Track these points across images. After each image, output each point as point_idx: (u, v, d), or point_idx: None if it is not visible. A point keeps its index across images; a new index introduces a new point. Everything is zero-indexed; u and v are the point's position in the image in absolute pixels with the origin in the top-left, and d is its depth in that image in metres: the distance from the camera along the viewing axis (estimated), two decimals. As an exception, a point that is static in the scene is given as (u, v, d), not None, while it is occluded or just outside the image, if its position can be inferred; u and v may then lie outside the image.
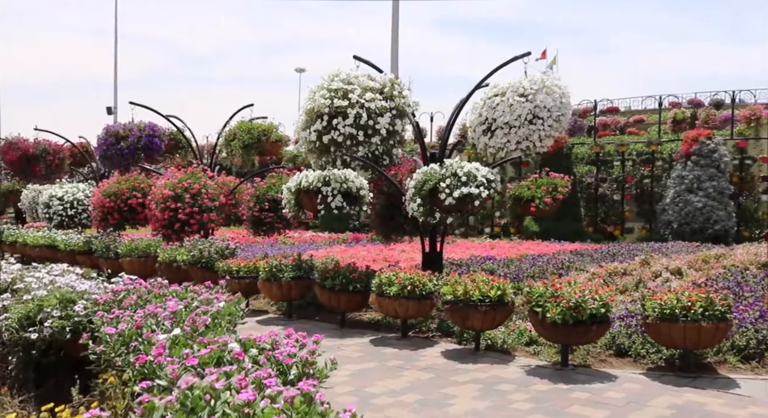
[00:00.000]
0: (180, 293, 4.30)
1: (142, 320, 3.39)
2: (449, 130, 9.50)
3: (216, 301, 4.00)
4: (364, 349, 6.72)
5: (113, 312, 3.69)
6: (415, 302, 6.92)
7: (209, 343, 2.87)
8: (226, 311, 3.79)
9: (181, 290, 4.39)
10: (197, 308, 3.74)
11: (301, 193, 9.09)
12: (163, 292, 4.31)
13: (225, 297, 4.39)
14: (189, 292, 4.37)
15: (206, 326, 3.40)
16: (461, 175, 7.80)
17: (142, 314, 3.46)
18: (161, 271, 10.22)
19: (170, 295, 4.22)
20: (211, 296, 4.13)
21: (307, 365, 2.89)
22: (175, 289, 4.40)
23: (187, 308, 3.67)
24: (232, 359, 2.74)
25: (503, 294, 6.43)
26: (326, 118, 7.87)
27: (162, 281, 4.98)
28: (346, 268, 7.80)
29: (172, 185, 11.33)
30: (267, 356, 2.85)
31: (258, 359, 2.78)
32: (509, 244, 16.63)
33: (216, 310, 3.71)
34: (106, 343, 3.21)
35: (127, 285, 4.64)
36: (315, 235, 22.07)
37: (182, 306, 3.68)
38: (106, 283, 5.55)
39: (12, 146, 15.74)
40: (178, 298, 4.16)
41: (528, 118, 8.04)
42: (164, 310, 3.56)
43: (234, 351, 2.75)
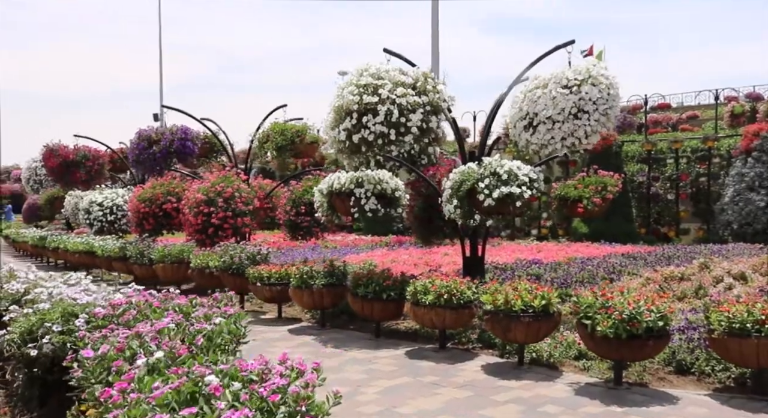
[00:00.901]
0: (184, 306, 3.90)
1: (126, 341, 2.99)
2: (489, 127, 8.94)
3: (217, 316, 3.58)
4: (399, 362, 6.24)
5: (103, 331, 3.32)
6: (453, 311, 6.41)
7: (183, 374, 2.43)
8: (222, 329, 3.35)
9: (186, 302, 3.99)
10: (190, 326, 3.32)
11: (333, 195, 8.67)
12: (165, 305, 3.92)
13: (235, 310, 3.98)
14: (194, 305, 3.97)
15: (199, 348, 2.98)
16: (501, 174, 7.26)
17: (128, 334, 3.07)
18: (194, 277, 9.97)
19: (172, 309, 3.83)
20: (211, 312, 3.71)
21: (301, 400, 2.41)
22: (179, 302, 4.00)
23: (179, 326, 3.26)
24: (208, 394, 2.29)
25: (548, 304, 5.86)
26: (355, 115, 7.44)
27: (172, 293, 4.60)
28: (380, 274, 7.34)
29: (205, 189, 11.10)
30: (252, 390, 2.39)
31: (240, 395, 2.33)
32: (557, 246, 15.90)
33: (211, 328, 3.28)
34: (84, 368, 2.83)
35: (130, 297, 4.27)
36: (358, 238, 21.70)
37: (174, 324, 3.28)
38: (116, 293, 5.21)
39: (53, 153, 15.82)
40: (180, 312, 3.76)
41: (572, 112, 7.43)
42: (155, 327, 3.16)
43: (211, 385, 2.31)
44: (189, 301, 4.05)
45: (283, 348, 6.82)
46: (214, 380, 2.36)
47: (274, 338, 7.43)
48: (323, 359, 6.32)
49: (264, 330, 7.92)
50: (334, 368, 6.00)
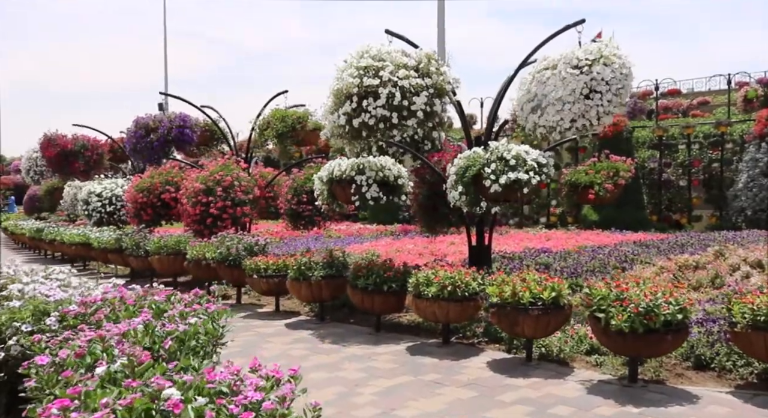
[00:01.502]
0: (161, 303, 3.57)
1: (88, 345, 2.67)
2: (495, 110, 8.55)
3: (193, 315, 3.24)
4: (399, 359, 5.91)
5: (66, 333, 3.00)
6: (457, 304, 6.07)
7: (140, 387, 2.09)
8: (196, 330, 3.01)
9: (163, 299, 3.66)
10: (162, 326, 2.99)
11: (333, 183, 8.32)
12: (141, 303, 3.59)
13: (218, 306, 3.65)
14: (173, 302, 3.64)
15: (169, 353, 2.65)
16: (509, 159, 6.88)
17: (91, 337, 2.74)
18: (190, 269, 9.67)
19: (148, 306, 3.50)
20: (189, 309, 3.37)
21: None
22: (156, 299, 3.67)
23: (147, 327, 2.93)
24: (167, 412, 1.96)
25: (558, 296, 5.51)
26: (355, 99, 7.07)
27: (154, 288, 4.27)
28: (381, 265, 7.00)
29: (203, 178, 10.77)
30: (219, 406, 2.05)
31: (204, 412, 2.00)
32: (566, 234, 15.51)
33: (183, 330, 2.95)
34: (38, 376, 2.50)
35: (105, 294, 3.94)
36: (363, 227, 21.37)
37: (141, 326, 2.95)
38: (97, 289, 4.89)
39: (51, 142, 15.54)
40: (157, 310, 3.44)
41: (584, 93, 7.04)
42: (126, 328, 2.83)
43: (170, 401, 1.97)
44: (167, 297, 3.71)
45: (279, 344, 6.52)
46: (175, 394, 2.02)
47: (270, 333, 7.11)
48: (320, 356, 6.00)
49: (260, 324, 7.61)
50: (332, 366, 5.67)
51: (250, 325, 7.55)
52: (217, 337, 3.19)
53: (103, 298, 3.72)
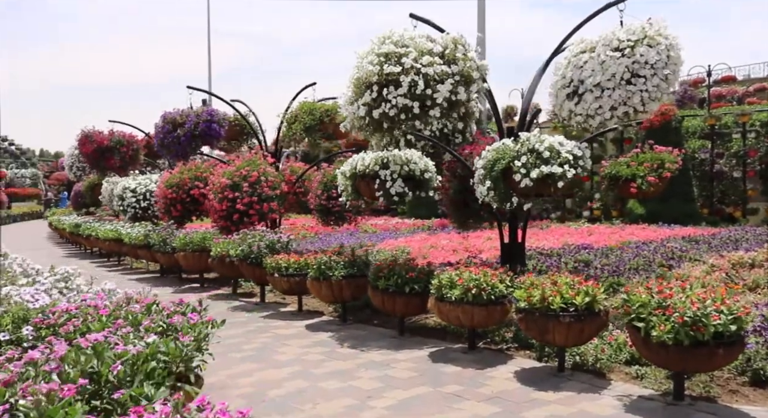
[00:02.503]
0: (138, 314, 3.23)
1: (19, 369, 2.33)
2: (529, 99, 8.02)
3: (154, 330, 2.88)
4: (420, 366, 5.48)
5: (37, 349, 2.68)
6: (482, 308, 5.60)
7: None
8: (153, 351, 2.63)
9: (142, 309, 3.31)
10: (116, 345, 2.63)
11: (357, 178, 7.93)
12: (116, 313, 3.25)
13: (202, 317, 3.29)
14: (154, 312, 3.30)
15: (119, 380, 2.28)
16: (541, 151, 6.37)
17: (29, 359, 2.40)
18: (214, 267, 9.43)
19: (124, 317, 3.17)
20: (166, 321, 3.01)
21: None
22: (135, 308, 3.33)
23: (96, 348, 2.57)
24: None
25: (593, 301, 4.99)
26: (376, 88, 6.66)
27: (144, 296, 3.95)
28: (402, 265, 6.57)
29: (229, 174, 10.51)
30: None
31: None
32: (610, 229, 14.80)
33: (135, 352, 2.58)
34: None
35: (83, 301, 3.63)
36: (400, 222, 20.99)
37: (91, 345, 2.59)
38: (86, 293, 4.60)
39: (88, 138, 15.58)
40: (132, 322, 3.10)
41: (625, 78, 6.47)
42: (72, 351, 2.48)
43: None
44: (147, 307, 3.37)
45: (296, 348, 6.17)
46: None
47: (288, 334, 6.77)
48: (336, 362, 5.63)
49: (280, 325, 7.28)
50: (346, 374, 5.29)
51: (270, 326, 7.24)
52: (183, 359, 2.81)
53: (79, 307, 3.40)
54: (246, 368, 5.49)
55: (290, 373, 5.31)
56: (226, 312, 8.16)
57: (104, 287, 4.41)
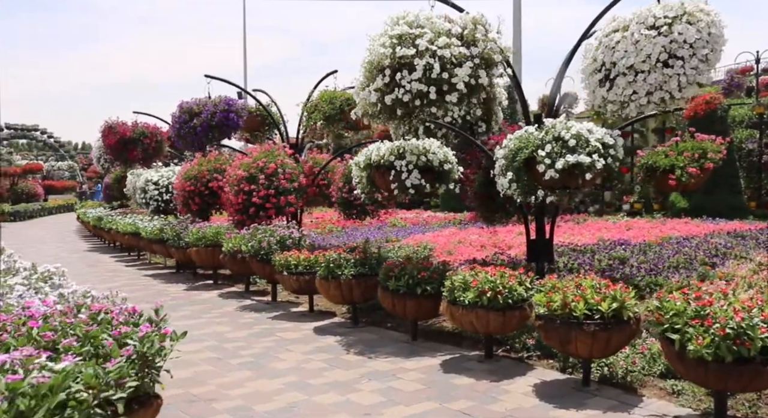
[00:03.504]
0: (76, 326, 2.81)
1: None
2: (558, 84, 7.41)
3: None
4: (429, 377, 4.99)
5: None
6: (498, 313, 5.07)
7: None
8: (58, 381, 2.17)
9: (87, 320, 2.89)
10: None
11: (372, 169, 7.46)
12: (51, 325, 2.83)
13: (156, 329, 2.86)
14: (101, 322, 2.88)
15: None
16: (567, 139, 5.79)
17: None
18: (226, 263, 9.07)
19: (57, 330, 2.75)
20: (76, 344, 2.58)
21: None
22: (81, 318, 2.92)
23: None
24: None
25: (621, 307, 4.43)
26: (388, 72, 6.16)
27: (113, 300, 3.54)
28: (414, 265, 6.07)
29: (246, 165, 10.14)
30: None
31: None
32: (650, 223, 14.01)
33: (36, 382, 2.13)
34: None
35: (26, 308, 3.23)
36: (432, 215, 20.44)
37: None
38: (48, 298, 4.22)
39: (111, 130, 15.43)
40: (80, 339, 2.69)
41: (661, 59, 5.85)
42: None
43: None
44: (92, 316, 2.95)
45: (298, 353, 5.74)
46: None
47: (293, 338, 6.34)
48: (338, 372, 5.17)
49: (286, 328, 6.86)
50: (346, 385, 4.82)
51: (275, 328, 6.82)
52: (103, 391, 2.35)
53: (25, 314, 3.00)
54: (240, 377, 5.08)
55: (286, 383, 4.88)
56: (234, 312, 7.79)
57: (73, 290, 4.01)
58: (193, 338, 6.45)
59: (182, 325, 7.06)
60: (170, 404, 4.44)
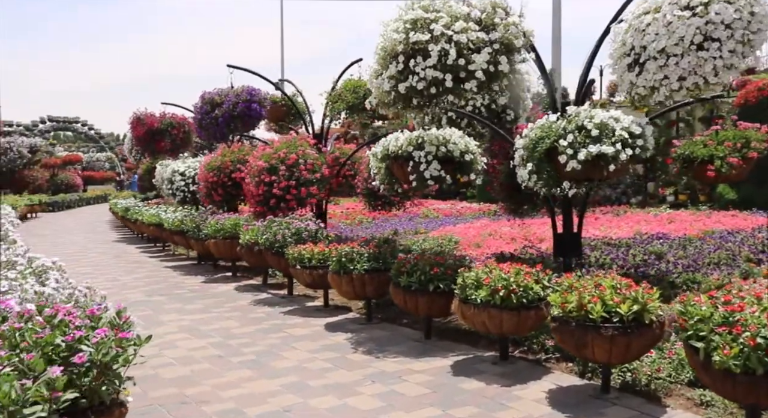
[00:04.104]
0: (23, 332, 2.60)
1: None
2: (587, 70, 7.00)
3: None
4: (436, 380, 4.70)
5: None
6: (512, 314, 4.75)
7: None
8: None
9: (43, 323, 2.69)
10: None
11: (390, 160, 7.18)
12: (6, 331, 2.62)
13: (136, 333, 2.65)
14: (59, 325, 2.67)
15: None
16: (590, 128, 5.41)
17: None
18: (243, 256, 8.91)
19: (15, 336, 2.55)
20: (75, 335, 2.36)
21: None
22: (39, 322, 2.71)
23: None
24: None
25: (643, 310, 4.06)
26: (402, 59, 5.86)
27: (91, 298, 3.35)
28: (427, 260, 5.77)
29: (267, 156, 9.96)
30: None
31: None
32: (693, 216, 13.38)
33: None
34: None
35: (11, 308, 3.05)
36: (466, 206, 20.05)
37: None
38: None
39: (139, 121, 15.45)
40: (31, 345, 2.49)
41: (696, 42, 5.40)
42: None
43: None
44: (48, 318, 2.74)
45: (303, 352, 5.52)
46: None
47: (301, 335, 6.11)
48: (341, 372, 4.93)
49: (296, 324, 6.64)
50: (347, 388, 4.57)
51: (286, 324, 6.61)
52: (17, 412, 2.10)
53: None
54: (238, 377, 4.87)
55: (284, 385, 4.65)
56: (248, 306, 7.61)
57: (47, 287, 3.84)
58: (198, 333, 6.29)
59: (191, 319, 6.93)
60: (160, 406, 4.26)
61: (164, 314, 7.25)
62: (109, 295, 8.43)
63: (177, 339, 6.06)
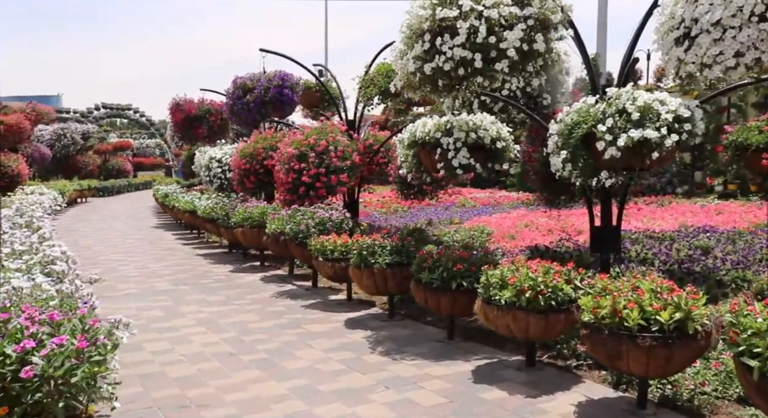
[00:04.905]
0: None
1: None
2: (631, 49, 6.44)
3: None
4: (454, 388, 4.31)
5: None
6: (539, 317, 4.32)
7: None
8: None
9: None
10: None
11: (418, 147, 6.79)
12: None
13: (73, 343, 2.35)
14: (9, 335, 2.40)
15: None
16: (632, 111, 4.90)
17: None
18: (268, 245, 8.67)
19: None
20: None
21: None
22: None
23: None
24: None
25: (687, 318, 3.59)
26: (427, 37, 5.44)
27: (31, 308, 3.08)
28: (450, 255, 5.36)
29: (297, 143, 9.66)
30: None
31: None
32: (743, 207, 12.59)
33: None
34: None
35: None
36: (505, 195, 19.50)
37: None
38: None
39: (178, 107, 15.41)
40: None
41: (757, 12, 4.82)
42: None
43: None
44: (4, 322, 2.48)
45: (318, 350, 5.21)
46: None
47: (319, 332, 5.80)
48: (354, 375, 4.60)
49: (316, 319, 6.33)
50: (358, 394, 4.23)
51: (305, 319, 6.32)
52: None
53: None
54: (245, 377, 4.58)
55: (292, 388, 4.34)
56: (269, 298, 7.35)
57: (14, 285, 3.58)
58: (215, 327, 6.05)
59: (210, 311, 6.70)
60: (158, 409, 4.00)
61: (185, 305, 7.04)
62: (136, 283, 8.40)
63: (192, 333, 5.83)
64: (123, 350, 5.26)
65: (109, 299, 7.32)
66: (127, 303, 7.16)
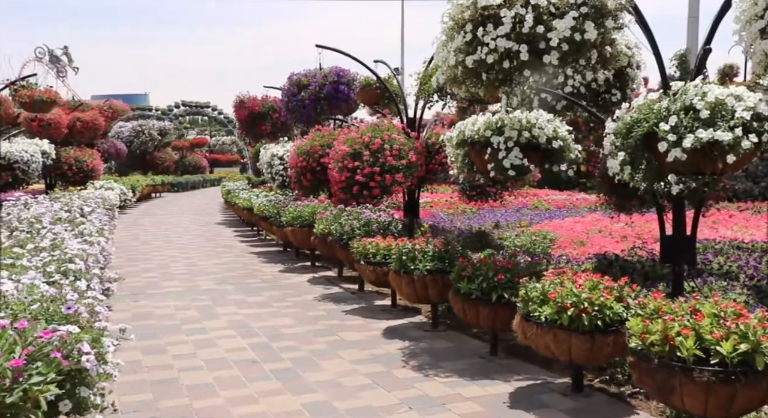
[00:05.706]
0: None
1: None
2: (708, 39, 5.78)
3: None
4: (486, 413, 3.88)
5: None
6: (584, 338, 3.83)
7: None
8: None
9: None
10: None
11: (467, 146, 6.37)
12: None
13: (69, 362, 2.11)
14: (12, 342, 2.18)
15: None
16: (701, 108, 4.31)
17: None
18: (316, 246, 8.44)
19: None
20: None
21: None
22: None
23: None
24: None
25: (755, 351, 3.04)
26: (469, 28, 5.02)
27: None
28: (491, 264, 4.91)
29: (351, 141, 9.40)
30: None
31: None
32: None
33: None
34: None
35: None
36: (583, 198, 18.59)
37: None
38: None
39: (242, 104, 15.49)
40: None
41: None
42: None
43: None
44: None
45: (346, 362, 4.89)
46: None
47: (353, 341, 5.48)
48: (379, 393, 4.25)
49: (354, 326, 6.01)
50: (376, 415, 3.87)
51: (342, 325, 6.01)
52: None
53: None
54: (260, 389, 4.31)
55: (307, 403, 4.03)
56: (311, 302, 7.10)
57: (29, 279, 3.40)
58: (246, 331, 5.84)
59: (246, 313, 6.51)
60: (163, 420, 3.79)
61: (222, 306, 6.89)
62: (181, 281, 8.35)
63: (220, 337, 5.64)
64: (144, 352, 5.16)
65: (152, 296, 7.27)
66: (166, 301, 7.07)
